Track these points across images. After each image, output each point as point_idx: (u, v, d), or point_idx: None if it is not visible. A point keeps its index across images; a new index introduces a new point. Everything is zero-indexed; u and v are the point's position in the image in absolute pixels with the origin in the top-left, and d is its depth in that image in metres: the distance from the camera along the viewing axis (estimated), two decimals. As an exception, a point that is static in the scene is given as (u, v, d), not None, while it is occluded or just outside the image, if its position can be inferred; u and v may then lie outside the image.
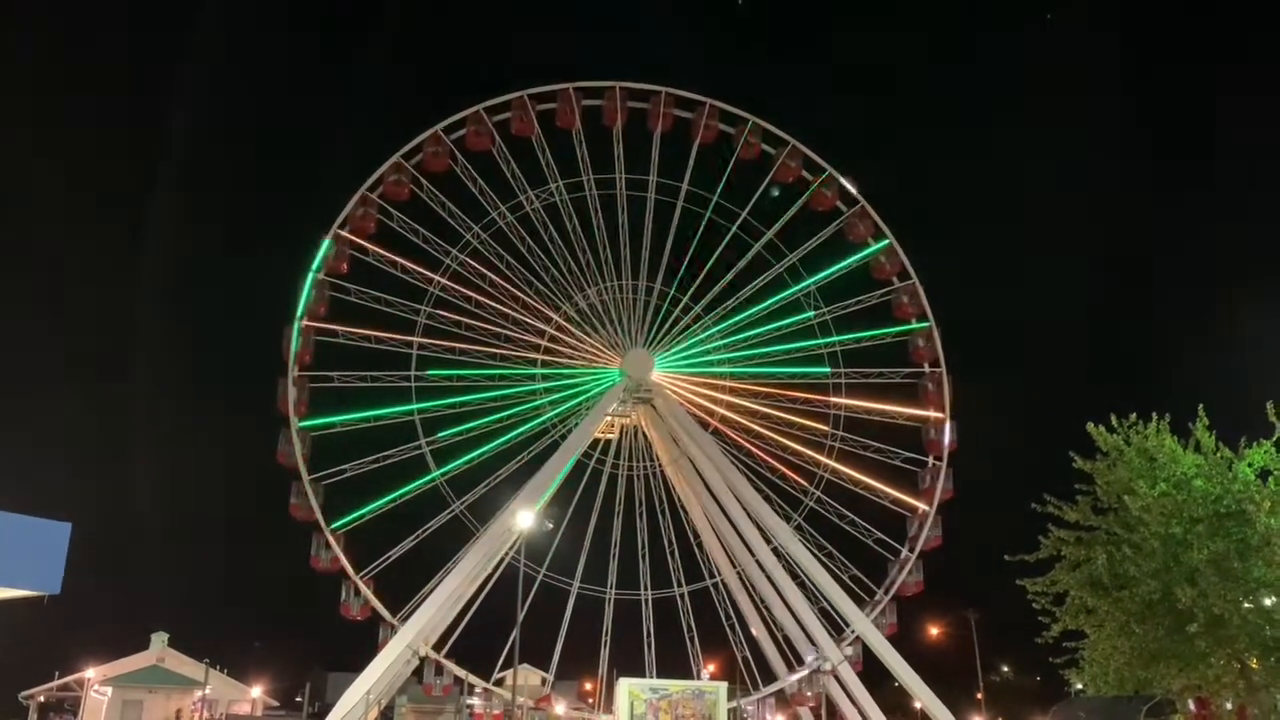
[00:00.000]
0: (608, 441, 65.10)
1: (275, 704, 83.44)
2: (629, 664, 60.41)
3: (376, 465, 59.83)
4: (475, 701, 65.93)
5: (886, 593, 61.89)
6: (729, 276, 65.40)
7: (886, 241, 65.89)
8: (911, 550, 62.40)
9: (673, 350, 65.26)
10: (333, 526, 57.43)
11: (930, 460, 64.21)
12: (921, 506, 63.44)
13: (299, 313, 59.85)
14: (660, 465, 65.79)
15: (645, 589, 63.23)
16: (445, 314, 62.25)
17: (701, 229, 65.40)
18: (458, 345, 61.91)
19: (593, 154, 65.40)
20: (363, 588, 56.98)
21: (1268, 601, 22.41)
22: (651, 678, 56.44)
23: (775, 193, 66.73)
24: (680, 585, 64.06)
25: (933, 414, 64.78)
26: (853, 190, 66.19)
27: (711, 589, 64.81)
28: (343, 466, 59.11)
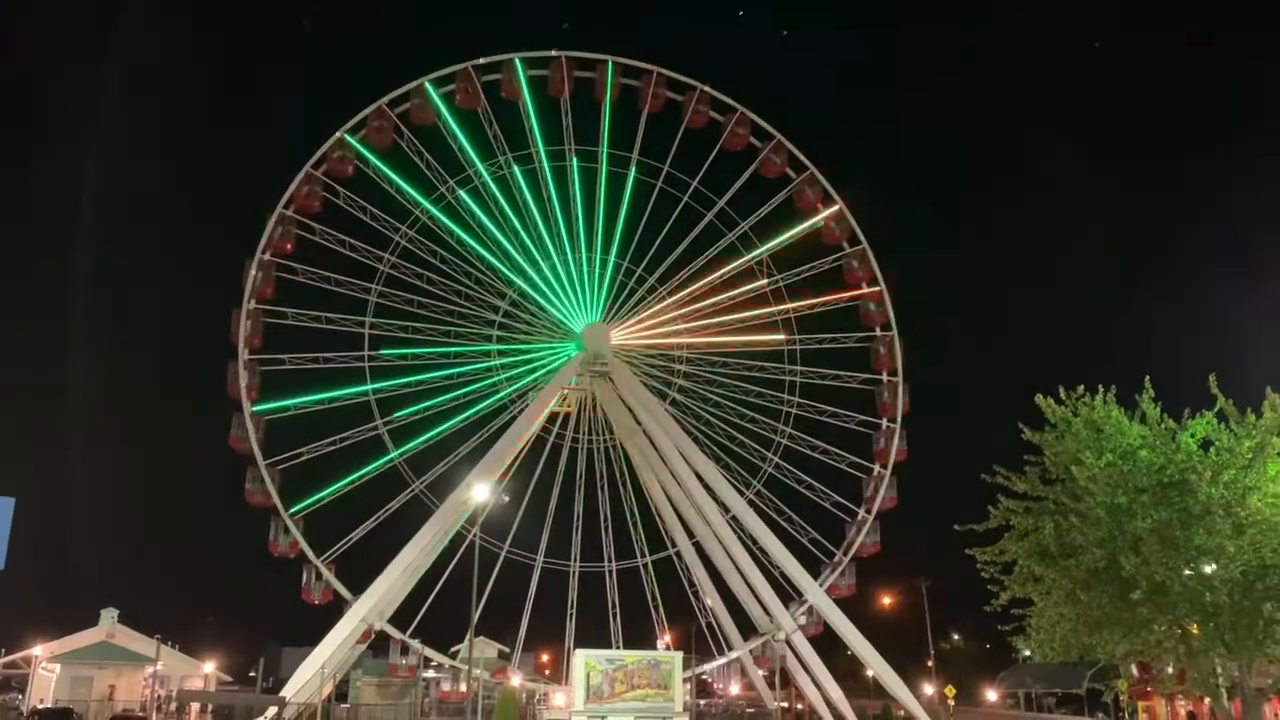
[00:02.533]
0: (567, 416, 65.07)
1: (229, 679, 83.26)
2: (596, 635, 61.11)
3: (333, 447, 59.39)
4: (431, 673, 66.43)
5: (846, 554, 62.99)
6: (682, 246, 65.33)
7: (836, 206, 66.16)
8: (869, 511, 63.50)
9: (629, 322, 65.14)
10: (291, 511, 56.96)
11: (884, 422, 65.13)
12: (876, 468, 64.53)
13: (246, 295, 58.84)
14: (619, 438, 65.98)
15: (609, 560, 63.75)
16: (397, 292, 61.62)
17: (654, 199, 65.19)
18: (411, 324, 61.32)
19: (541, 126, 64.71)
20: (324, 571, 56.65)
21: (1207, 569, 22.94)
22: (619, 648, 57.08)
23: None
24: (644, 555, 64.74)
25: (885, 377, 65.63)
26: (801, 156, 66.20)
27: (675, 558, 65.66)
28: (299, 450, 58.51)
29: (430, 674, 66.83)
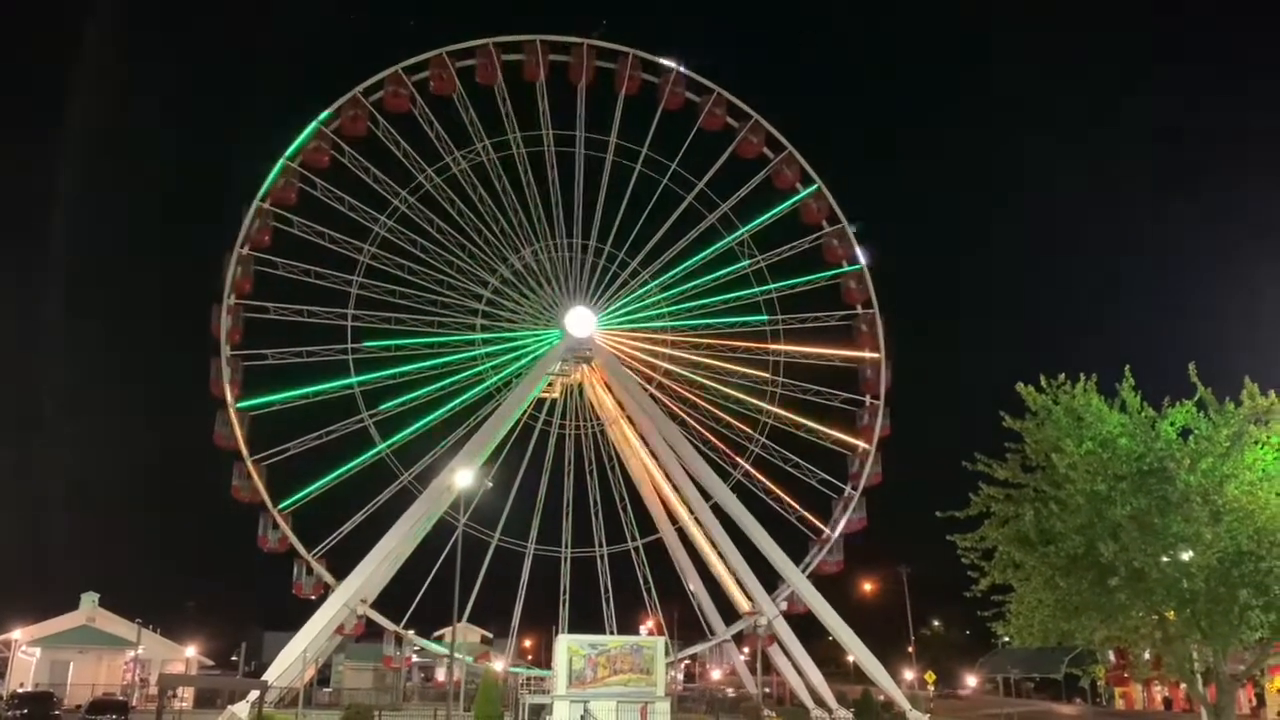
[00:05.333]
0: (553, 402, 65.08)
1: (210, 663, 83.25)
2: (589, 620, 61.42)
3: (320, 441, 59.19)
4: (416, 658, 66.88)
5: (833, 530, 63.43)
6: (664, 229, 65.18)
7: (815, 186, 66.09)
8: (854, 488, 63.96)
9: (613, 307, 65.06)
10: (280, 506, 56.92)
11: (867, 399, 65.51)
12: (861, 444, 64.92)
13: (226, 290, 58.41)
14: (605, 423, 66.06)
15: (600, 545, 64.01)
16: (379, 284, 61.27)
17: (633, 182, 64.92)
18: (394, 314, 61.07)
19: (517, 111, 64.22)
20: (315, 565, 56.73)
21: (1185, 556, 23.18)
22: (613, 632, 57.53)
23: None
24: (635, 539, 65.00)
25: (868, 354, 65.89)
26: (778, 135, 65.96)
27: (665, 541, 65.87)
28: (285, 445, 58.32)
29: (415, 658, 67.20)
